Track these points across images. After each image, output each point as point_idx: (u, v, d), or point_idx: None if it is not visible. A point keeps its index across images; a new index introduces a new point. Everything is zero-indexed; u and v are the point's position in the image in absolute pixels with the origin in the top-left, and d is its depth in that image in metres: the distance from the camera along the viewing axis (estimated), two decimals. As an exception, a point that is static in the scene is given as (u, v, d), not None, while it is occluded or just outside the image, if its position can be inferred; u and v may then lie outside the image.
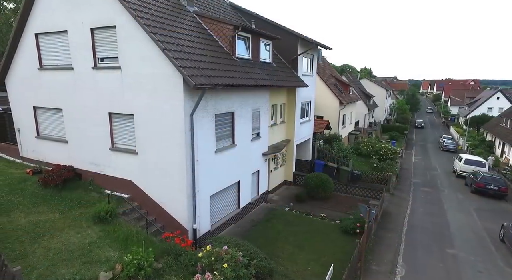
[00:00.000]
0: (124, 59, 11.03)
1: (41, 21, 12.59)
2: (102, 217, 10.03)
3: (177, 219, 11.30)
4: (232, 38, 13.29)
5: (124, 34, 10.82)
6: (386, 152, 25.41)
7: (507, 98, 71.10)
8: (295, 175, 20.30)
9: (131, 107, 11.27)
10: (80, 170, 13.15)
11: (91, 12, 11.28)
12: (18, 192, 11.58)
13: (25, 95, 14.08)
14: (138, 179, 11.84)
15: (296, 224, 14.02)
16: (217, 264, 7.77)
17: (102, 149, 12.41)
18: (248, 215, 14.98)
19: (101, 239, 9.22)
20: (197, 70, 10.26)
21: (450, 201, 20.58)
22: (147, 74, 10.65)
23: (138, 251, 7.85)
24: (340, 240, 12.73)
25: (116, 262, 8.16)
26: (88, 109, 12.36)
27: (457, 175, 29.23)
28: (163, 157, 10.99)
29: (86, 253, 8.50)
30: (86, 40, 11.69)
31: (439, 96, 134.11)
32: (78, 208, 11.02)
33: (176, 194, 11.05)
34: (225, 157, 12.63)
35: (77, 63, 12.18)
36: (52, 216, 10.23)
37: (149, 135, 11.12)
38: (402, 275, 11.00)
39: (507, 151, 40.91)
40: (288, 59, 18.74)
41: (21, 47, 13.58)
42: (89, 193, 12.23)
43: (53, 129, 13.86)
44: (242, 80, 12.34)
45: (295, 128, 19.43)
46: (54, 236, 9.14)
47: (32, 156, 14.72)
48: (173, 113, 10.41)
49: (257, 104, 14.77)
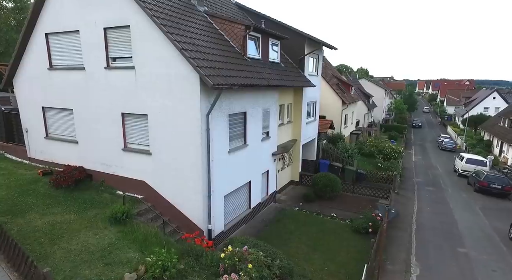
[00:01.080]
0: (138, 59, 10.98)
1: (52, 21, 12.48)
2: (119, 218, 9.97)
3: (192, 220, 11.27)
4: (244, 37, 13.28)
5: (138, 34, 10.77)
6: (390, 152, 25.55)
7: (503, 98, 71.87)
8: (301, 175, 20.33)
9: (145, 107, 11.22)
10: (91, 170, 13.05)
11: (105, 12, 11.21)
12: (30, 193, 11.48)
13: (34, 95, 13.95)
14: (152, 180, 11.79)
15: (307, 224, 14.05)
16: (241, 264, 7.76)
17: (114, 149, 12.34)
18: (258, 215, 14.98)
19: (120, 240, 9.16)
20: (213, 70, 10.24)
21: (455, 200, 20.74)
22: (162, 74, 10.61)
23: (161, 252, 7.83)
24: (352, 240, 12.78)
25: (138, 263, 8.11)
26: (100, 109, 12.27)
27: (458, 174, 29.44)
28: (178, 158, 10.95)
29: (107, 255, 8.44)
30: (98, 40, 11.61)
31: (435, 96, 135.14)
32: (92, 209, 10.94)
33: (191, 194, 11.02)
34: (237, 157, 12.62)
35: (89, 63, 12.10)
36: (67, 217, 10.15)
37: (164, 136, 11.07)
38: (418, 274, 11.07)
39: (506, 150, 41.30)
40: (295, 59, 18.77)
41: (30, 47, 13.45)
42: (101, 194, 12.15)
43: (63, 130, 13.75)
44: (255, 80, 12.33)
45: (302, 128, 19.46)
46: (73, 237, 9.07)
47: (41, 157, 14.60)
48: (189, 113, 10.37)
49: (267, 104, 14.77)
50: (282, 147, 17.00)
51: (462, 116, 71.42)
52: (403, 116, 69.77)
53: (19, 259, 6.88)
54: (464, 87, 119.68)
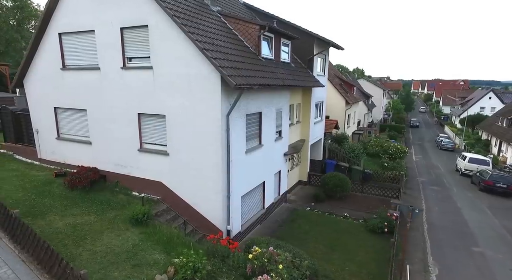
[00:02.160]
0: (157, 59, 10.91)
1: (66, 20, 12.36)
2: (140, 219, 9.89)
3: (211, 220, 11.23)
4: (258, 38, 13.26)
5: (157, 33, 10.70)
6: (395, 151, 25.69)
7: (499, 98, 72.61)
8: (309, 175, 20.36)
9: (163, 107, 11.15)
10: (105, 171, 12.95)
11: (122, 11, 11.12)
12: (46, 195, 11.36)
13: (45, 96, 13.81)
14: (169, 180, 11.73)
15: (322, 224, 14.07)
16: (270, 265, 7.74)
17: (129, 150, 12.25)
18: (271, 216, 14.97)
19: (143, 242, 9.09)
20: (234, 70, 10.21)
21: (462, 199, 20.91)
22: (181, 74, 10.56)
23: (190, 253, 7.78)
24: (369, 240, 12.81)
25: (165, 265, 8.07)
26: (115, 109, 12.18)
27: (461, 173, 29.70)
28: (197, 158, 10.90)
29: (133, 256, 8.37)
30: (115, 40, 11.52)
31: (430, 96, 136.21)
32: (111, 210, 10.84)
33: (210, 195, 10.98)
34: (253, 157, 12.60)
35: (104, 63, 12.00)
36: (87, 219, 10.05)
37: (182, 136, 11.02)
38: (437, 274, 11.14)
39: (504, 149, 41.71)
40: (304, 59, 18.80)
41: (42, 47, 13.32)
42: (116, 195, 12.05)
43: (76, 130, 13.63)
44: (271, 80, 12.32)
45: (310, 128, 19.49)
46: (96, 239, 8.98)
47: (52, 158, 14.45)
48: (209, 114, 10.33)
49: (280, 104, 14.77)
50: (292, 147, 17.02)
51: (459, 116, 72.08)
52: (401, 116, 70.23)
53: (52, 261, 6.79)
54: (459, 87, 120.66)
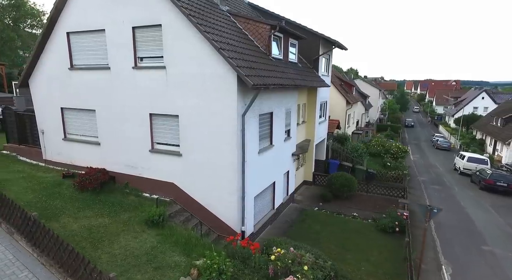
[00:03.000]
0: (170, 59, 10.79)
1: (76, 19, 12.16)
2: (156, 221, 9.77)
3: (225, 221, 11.14)
4: (269, 37, 13.20)
5: (171, 33, 10.58)
6: (397, 151, 25.85)
7: (491, 98, 73.67)
8: (314, 175, 20.37)
9: (176, 107, 11.03)
10: (114, 172, 12.77)
11: (134, 10, 10.98)
12: (57, 196, 11.17)
13: (52, 96, 13.57)
14: (181, 181, 11.61)
15: (332, 224, 14.07)
16: (295, 266, 7.70)
17: (140, 151, 12.10)
18: (281, 216, 14.93)
19: (161, 244, 8.97)
20: (250, 70, 10.14)
21: (464, 198, 21.11)
22: (196, 74, 10.45)
23: (213, 255, 7.70)
24: (380, 239, 12.86)
25: (187, 267, 7.98)
26: (126, 110, 12.02)
27: (460, 172, 30.01)
28: (212, 159, 10.80)
29: (152, 258, 8.26)
30: (126, 39, 11.37)
31: (423, 96, 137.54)
32: (123, 212, 10.69)
33: (225, 195, 10.89)
34: (265, 157, 12.55)
35: (114, 62, 11.84)
36: (101, 221, 9.90)
37: (196, 136, 10.91)
38: (451, 273, 11.21)
39: (499, 148, 42.28)
40: (309, 60, 18.81)
41: (49, 47, 13.09)
42: (127, 197, 11.90)
43: (84, 131, 13.43)
44: (284, 80, 12.28)
45: (315, 128, 19.50)
46: (113, 241, 8.84)
47: (58, 159, 14.21)
48: (224, 114, 10.25)
49: (289, 104, 14.75)
50: (299, 147, 17.01)
51: (452, 116, 72.96)
52: (396, 115, 70.83)
53: (76, 264, 6.65)
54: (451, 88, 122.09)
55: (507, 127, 42.56)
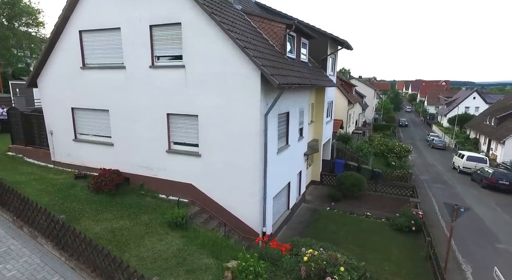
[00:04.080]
0: (189, 58, 10.61)
1: (89, 18, 11.88)
2: (179, 223, 9.60)
3: (246, 223, 11.00)
4: (284, 37, 13.11)
5: (191, 31, 10.40)
6: (400, 150, 26.08)
7: (482, 98, 75.06)
8: (321, 174, 20.36)
9: (196, 107, 10.86)
10: (128, 174, 12.52)
11: (152, 9, 10.76)
12: (73, 199, 10.90)
13: (62, 96, 13.24)
14: (200, 182, 11.43)
15: (346, 224, 14.06)
16: (330, 267, 7.62)
17: (156, 151, 11.89)
18: (295, 216, 14.86)
19: (187, 246, 8.80)
20: (273, 69, 10.05)
21: (469, 196, 21.38)
22: (217, 73, 10.29)
23: (247, 257, 7.57)
24: (398, 239, 12.88)
25: (218, 269, 7.84)
26: (141, 109, 11.79)
27: (459, 171, 30.41)
28: (233, 159, 10.66)
29: (182, 261, 8.08)
30: (143, 38, 11.14)
31: (414, 96, 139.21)
32: (142, 214, 10.47)
33: (246, 196, 10.76)
34: (282, 157, 12.45)
35: (130, 61, 11.60)
36: (122, 223, 9.67)
37: (216, 136, 10.75)
38: (471, 272, 11.28)
39: (494, 147, 43.01)
40: (317, 59, 18.77)
41: (60, 46, 12.77)
42: (143, 198, 11.68)
43: (95, 131, 13.14)
44: (302, 79, 12.23)
45: (323, 127, 19.49)
46: (139, 244, 8.64)
47: (67, 160, 13.88)
48: (248, 114, 10.11)
49: (302, 104, 14.70)
50: (310, 146, 16.97)
51: (445, 115, 74.04)
52: (390, 115, 71.49)
53: (112, 268, 6.46)
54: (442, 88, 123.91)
55: (501, 126, 43.33)
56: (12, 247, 7.82)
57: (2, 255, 7.46)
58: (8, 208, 8.98)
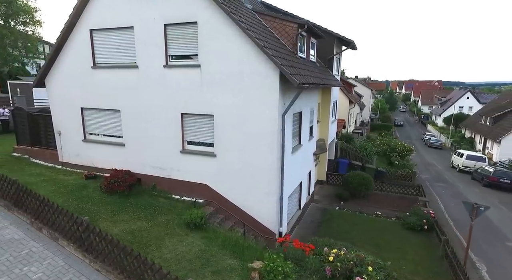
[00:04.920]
0: (205, 57, 10.52)
1: (101, 16, 11.71)
2: (198, 223, 9.51)
3: (262, 223, 10.95)
4: (296, 36, 13.09)
5: (207, 30, 10.31)
6: (402, 150, 26.27)
7: (475, 98, 76.14)
8: (327, 174, 20.40)
9: (211, 107, 10.77)
10: (139, 174, 12.37)
11: (167, 7, 10.64)
12: (87, 200, 10.75)
13: (71, 96, 13.04)
14: (215, 183, 11.34)
15: (358, 223, 14.10)
16: (358, 267, 7.61)
17: (170, 152, 11.77)
18: (305, 216, 14.85)
19: (209, 247, 8.71)
20: (292, 69, 10.02)
21: (472, 195, 21.61)
22: (234, 72, 10.22)
23: (274, 257, 7.54)
24: (411, 238, 12.95)
25: (243, 270, 7.78)
26: (154, 109, 11.67)
27: (459, 170, 30.75)
28: (250, 159, 10.60)
29: (206, 262, 8.00)
30: (157, 37, 11.02)
31: (408, 96, 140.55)
32: (158, 215, 10.35)
33: (263, 197, 10.70)
34: (296, 157, 12.44)
35: (143, 61, 11.47)
36: (140, 225, 9.55)
37: (233, 136, 10.68)
38: (486, 270, 11.38)
39: (490, 146, 43.58)
40: (323, 59, 18.79)
41: (69, 45, 12.57)
42: (156, 199, 11.56)
43: (106, 132, 12.98)
44: (316, 79, 12.23)
45: (329, 127, 19.52)
46: (161, 245, 8.54)
47: (76, 161, 13.68)
48: (265, 113, 10.06)
49: (312, 103, 14.71)
50: (318, 146, 16.98)
51: (439, 115, 74.88)
52: (386, 115, 72.01)
53: (142, 270, 6.35)
54: (435, 88, 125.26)
55: (497, 125, 43.90)
56: (34, 249, 7.66)
57: (25, 258, 7.30)
58: (25, 210, 8.80)
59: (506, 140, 38.84)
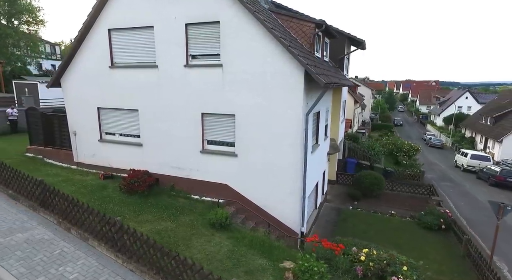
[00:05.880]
0: (228, 57, 10.49)
1: (120, 16, 11.64)
2: (223, 223, 9.49)
3: (284, 222, 10.93)
4: (314, 36, 13.09)
5: (230, 30, 10.28)
6: (409, 149, 26.38)
7: (474, 98, 76.66)
8: (337, 174, 20.44)
9: (233, 106, 10.75)
10: (157, 174, 12.32)
11: (188, 7, 10.59)
12: (108, 200, 10.70)
13: (87, 96, 12.96)
14: (236, 183, 11.32)
15: (374, 223, 14.13)
16: (391, 267, 7.63)
17: (189, 152, 11.73)
18: (320, 215, 14.87)
19: (237, 247, 8.71)
20: (316, 69, 10.02)
21: (480, 194, 21.74)
22: (257, 72, 10.20)
23: (307, 257, 7.54)
24: (429, 237, 13.00)
25: (274, 270, 7.79)
26: (173, 109, 11.62)
27: (463, 169, 30.93)
28: (273, 159, 10.58)
29: (237, 262, 7.99)
30: (177, 37, 10.97)
31: (406, 96, 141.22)
32: (181, 215, 10.32)
33: (286, 196, 10.70)
34: (314, 157, 12.45)
35: (163, 60, 11.42)
36: (165, 225, 9.52)
37: (255, 136, 10.65)
38: (507, 269, 11.44)
39: (491, 146, 43.86)
40: (333, 59, 18.81)
41: (86, 44, 12.49)
42: (176, 199, 11.53)
43: (123, 132, 12.91)
44: (335, 79, 12.24)
45: (339, 127, 19.58)
46: (189, 245, 8.52)
47: (91, 161, 13.60)
48: (289, 113, 10.05)
49: (327, 103, 14.74)
50: (330, 146, 17.01)
51: (438, 115, 75.34)
52: (385, 115, 72.30)
53: (180, 270, 6.33)
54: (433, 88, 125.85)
55: (498, 125, 44.20)
56: (65, 249, 7.60)
57: (58, 258, 7.25)
58: (52, 210, 8.74)
59: (508, 140, 39.10)
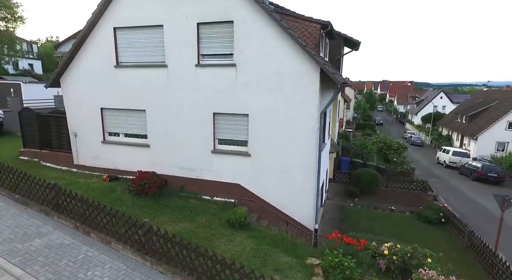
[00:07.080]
0: (241, 56, 10.48)
1: (127, 14, 11.37)
2: (242, 223, 9.50)
3: (298, 220, 11.05)
4: (319, 37, 13.28)
5: (244, 29, 10.28)
6: (398, 147, 27.19)
7: (448, 98, 79.99)
8: (334, 172, 20.80)
9: (247, 106, 10.76)
10: (165, 175, 12.14)
11: (201, 6, 10.51)
12: (119, 203, 10.46)
13: (90, 96, 12.59)
14: (249, 182, 11.33)
15: (377, 219, 14.50)
16: (415, 260, 7.88)
17: (200, 152, 11.63)
18: (324, 213, 15.08)
19: (260, 246, 8.71)
20: (330, 68, 10.18)
21: (466, 189, 22.72)
22: (272, 72, 10.25)
23: (335, 254, 7.68)
24: (431, 231, 13.48)
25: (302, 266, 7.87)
26: (183, 109, 11.49)
27: (445, 165, 32.20)
28: (286, 158, 10.68)
29: (264, 261, 8.01)
30: (189, 36, 10.86)
31: (383, 96, 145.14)
32: (196, 216, 10.23)
33: (300, 195, 10.82)
34: (322, 155, 12.60)
35: (173, 60, 11.27)
36: (184, 226, 9.42)
37: (268, 136, 10.71)
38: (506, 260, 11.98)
39: (467, 143, 45.84)
40: (331, 59, 19.13)
41: (90, 43, 12.14)
42: (187, 200, 11.42)
43: (129, 133, 12.63)
44: (342, 79, 12.45)
45: (336, 126, 19.94)
46: (213, 246, 8.46)
47: (93, 164, 13.21)
48: (304, 112, 10.17)
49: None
50: (331, 145, 17.29)
51: (416, 114, 78.03)
52: (367, 114, 74.05)
53: (216, 270, 6.31)
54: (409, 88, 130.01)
55: (473, 123, 46.24)
56: (89, 253, 7.38)
57: (84, 262, 7.02)
58: (67, 214, 8.45)
59: (483, 137, 40.97)
